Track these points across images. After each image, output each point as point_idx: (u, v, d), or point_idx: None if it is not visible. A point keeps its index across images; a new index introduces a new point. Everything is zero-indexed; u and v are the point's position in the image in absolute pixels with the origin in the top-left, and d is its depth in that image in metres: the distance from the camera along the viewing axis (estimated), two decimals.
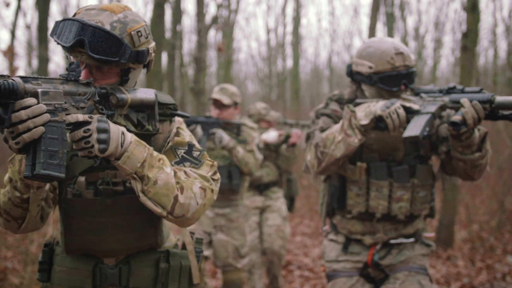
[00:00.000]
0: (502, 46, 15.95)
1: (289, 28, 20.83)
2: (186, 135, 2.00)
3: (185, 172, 1.84)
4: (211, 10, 29.35)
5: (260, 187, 5.29)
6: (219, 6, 14.90)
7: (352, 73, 2.89)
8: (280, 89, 20.04)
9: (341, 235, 2.95)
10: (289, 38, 20.97)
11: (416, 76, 2.81)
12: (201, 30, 10.58)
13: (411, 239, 2.89)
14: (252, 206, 5.18)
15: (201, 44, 11.39)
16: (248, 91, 24.60)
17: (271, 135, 5.20)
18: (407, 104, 2.61)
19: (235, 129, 4.35)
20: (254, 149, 4.34)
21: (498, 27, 15.42)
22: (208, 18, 13.54)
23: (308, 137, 2.84)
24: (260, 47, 30.97)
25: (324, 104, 2.94)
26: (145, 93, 1.88)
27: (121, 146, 1.67)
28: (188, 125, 3.89)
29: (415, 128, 2.55)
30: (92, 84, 1.74)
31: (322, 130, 2.80)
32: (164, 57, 12.09)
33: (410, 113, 2.61)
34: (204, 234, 4.38)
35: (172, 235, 2.17)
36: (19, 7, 14.70)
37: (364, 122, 2.58)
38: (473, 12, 6.49)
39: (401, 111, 2.55)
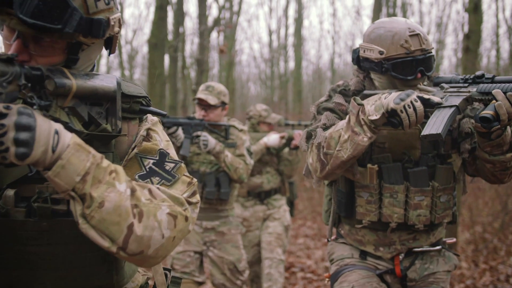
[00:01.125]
0: (505, 47, 16.01)
1: (291, 29, 20.93)
2: (160, 140, 1.51)
3: (150, 191, 1.32)
4: (213, 12, 29.42)
5: (261, 195, 4.94)
6: (221, 8, 14.93)
7: (359, 60, 2.50)
8: (282, 91, 20.06)
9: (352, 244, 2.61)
10: (291, 40, 21.02)
11: (434, 62, 2.40)
12: (203, 32, 10.59)
13: (438, 247, 2.54)
14: (254, 219, 4.91)
15: (203, 46, 11.40)
16: (250, 92, 24.62)
17: (272, 138, 4.84)
18: (426, 96, 2.20)
19: (222, 132, 4.01)
20: (244, 153, 3.98)
21: (501, 28, 15.48)
22: (210, 20, 13.57)
23: (309, 136, 2.45)
24: (262, 49, 31.02)
25: (327, 96, 2.55)
26: (102, 80, 1.39)
27: (53, 151, 1.16)
28: (168, 127, 3.63)
29: (436, 125, 2.15)
30: (16, 61, 1.20)
31: (325, 127, 2.41)
32: (166, 59, 12.11)
33: (430, 106, 2.20)
34: (195, 256, 4.00)
35: (139, 273, 1.68)
36: None
37: (374, 117, 2.17)
38: (475, 13, 6.49)
39: (418, 104, 2.14)
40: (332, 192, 2.60)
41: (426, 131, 2.16)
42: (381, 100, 2.19)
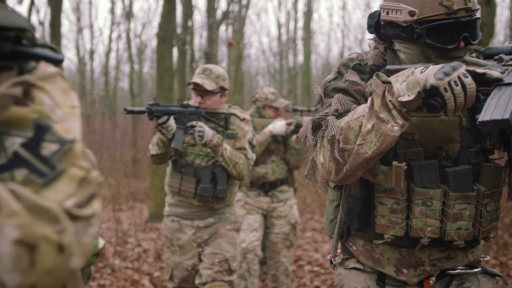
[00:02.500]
0: None
1: (300, 23, 20.82)
2: (52, 106, 0.87)
3: None
4: (222, 5, 29.41)
5: (266, 187, 4.59)
6: (230, 1, 14.89)
7: (378, 26, 1.92)
8: (291, 85, 20.02)
9: (366, 266, 2.04)
10: (300, 33, 20.96)
11: (480, 29, 1.83)
12: (212, 26, 10.59)
13: (477, 269, 2.01)
14: (256, 206, 4.60)
15: (212, 40, 11.40)
16: (259, 86, 24.52)
17: (278, 125, 4.45)
18: (479, 70, 1.61)
19: (222, 121, 3.54)
20: (245, 146, 3.52)
21: None
22: (219, 13, 13.56)
23: (317, 127, 1.87)
24: (271, 42, 30.96)
25: (335, 73, 1.97)
26: None
27: None
28: (157, 116, 3.18)
29: (499, 108, 1.54)
30: None
31: (338, 114, 1.83)
32: (175, 52, 12.12)
33: (485, 84, 1.61)
34: (192, 267, 3.62)
35: None
36: (32, 4, 14.79)
37: (407, 98, 1.62)
38: (488, 6, 6.44)
39: (469, 80, 1.57)
40: (341, 197, 2.01)
41: (486, 115, 1.55)
42: (416, 75, 1.64)
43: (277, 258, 4.60)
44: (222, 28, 13.17)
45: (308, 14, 19.28)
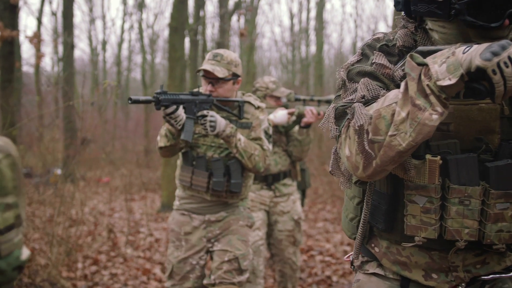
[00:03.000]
0: None
1: (313, 13, 20.74)
2: None
3: None
4: None
5: (268, 179, 4.35)
6: None
7: (408, 2, 1.67)
8: (304, 75, 19.98)
9: (389, 271, 1.83)
10: (312, 23, 20.88)
11: None
12: (224, 16, 10.57)
13: None
14: (258, 202, 4.36)
15: (224, 30, 11.40)
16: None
17: (279, 115, 4.21)
18: None
19: (235, 110, 3.31)
20: (261, 137, 3.29)
21: None
22: (231, 3, 13.53)
23: (341, 115, 1.64)
24: (283, 33, 30.85)
25: (359, 55, 1.75)
26: None
27: None
28: (165, 106, 2.95)
29: None
30: None
31: (366, 101, 1.61)
32: (187, 42, 12.13)
33: None
34: (198, 262, 3.35)
35: None
36: None
37: (447, 82, 1.39)
38: None
39: None
40: (366, 194, 1.79)
41: None
42: (457, 56, 1.40)
43: (282, 255, 4.45)
44: (234, 18, 13.15)
45: (320, 4, 19.19)
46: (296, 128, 4.36)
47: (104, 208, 9.01)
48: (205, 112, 3.09)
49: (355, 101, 1.62)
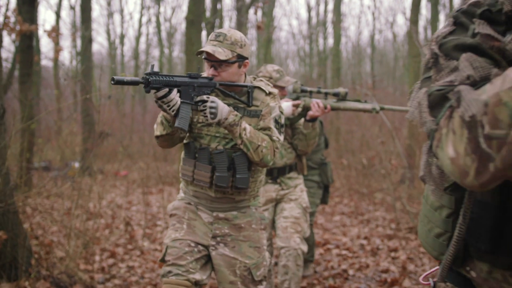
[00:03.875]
0: None
1: (331, 5, 20.64)
2: None
3: None
4: None
5: (273, 173, 4.14)
6: None
7: None
8: (321, 68, 19.87)
9: None
10: (330, 16, 20.75)
11: None
12: (241, 9, 10.54)
13: None
14: (264, 200, 4.11)
15: (241, 23, 11.37)
16: (289, 70, 24.47)
17: (284, 107, 3.94)
18: None
19: (243, 96, 2.94)
20: (270, 126, 2.90)
21: None
22: None
23: (440, 101, 1.24)
24: (301, 25, 30.72)
25: (451, 25, 1.34)
26: None
27: None
28: (156, 88, 2.62)
29: None
30: None
31: (472, 83, 1.19)
32: (204, 35, 12.12)
33: None
34: (198, 248, 2.93)
35: None
36: None
37: None
38: None
39: None
40: (463, 205, 1.38)
41: None
42: None
43: (287, 244, 3.99)
44: (252, 11, 13.11)
45: None
46: (302, 121, 4.11)
47: (122, 201, 9.06)
48: (204, 97, 2.74)
49: (456, 83, 1.21)
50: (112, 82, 2.45)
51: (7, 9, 11.02)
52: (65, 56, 39.40)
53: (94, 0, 25.66)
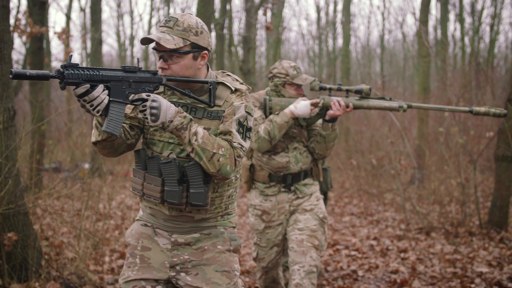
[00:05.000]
0: None
1: (340, 6, 20.57)
2: None
3: None
4: None
5: (287, 180, 3.73)
6: None
7: None
8: (331, 69, 19.84)
9: None
10: (339, 16, 20.71)
11: None
12: (250, 9, 10.55)
13: None
14: (277, 212, 3.77)
15: (250, 24, 11.37)
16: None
17: (301, 106, 3.62)
18: None
19: (205, 96, 2.46)
20: (231, 130, 2.40)
21: None
22: None
23: None
24: (310, 26, 30.69)
25: None
26: None
27: None
28: (75, 84, 2.12)
29: None
30: None
31: None
32: (213, 37, 12.13)
33: None
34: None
35: None
36: None
37: None
38: None
39: None
40: None
41: None
42: None
43: (303, 261, 3.57)
44: (261, 12, 13.11)
45: None
46: (320, 121, 3.79)
47: (131, 202, 9.09)
48: (144, 95, 2.26)
49: None
50: (10, 76, 2.02)
51: (17, 12, 11.11)
52: (75, 57, 39.62)
53: (104, 2, 25.77)
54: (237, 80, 2.54)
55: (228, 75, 2.57)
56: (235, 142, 2.39)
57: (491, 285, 4.65)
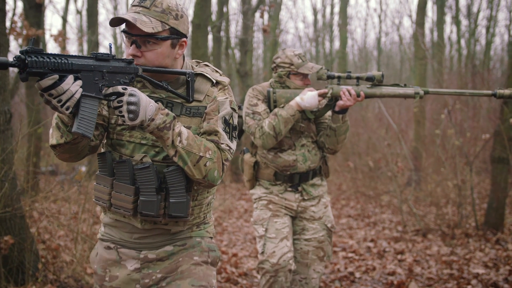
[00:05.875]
0: None
1: (337, 8, 20.64)
2: None
3: None
4: None
5: (294, 179, 3.47)
6: None
7: None
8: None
9: None
10: (336, 19, 20.75)
11: None
12: (247, 12, 10.56)
13: None
14: (282, 204, 3.51)
15: (247, 26, 11.39)
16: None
17: (308, 97, 3.32)
18: None
19: (182, 89, 2.13)
20: (217, 129, 2.09)
21: None
22: (254, 0, 13.51)
23: None
24: (307, 29, 30.73)
25: None
26: None
27: None
28: (40, 74, 1.72)
29: None
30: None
31: None
32: (210, 39, 12.15)
33: None
34: None
35: None
36: None
37: None
38: None
39: None
40: None
41: None
42: None
43: (305, 273, 3.50)
44: (257, 14, 13.13)
45: None
46: (329, 113, 3.53)
47: None
48: (119, 88, 1.87)
49: None
50: None
51: (13, 14, 11.10)
52: None
53: (100, 4, 25.81)
54: (216, 71, 2.25)
55: (206, 65, 2.26)
56: (222, 144, 2.09)
57: (487, 286, 4.66)
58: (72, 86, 1.76)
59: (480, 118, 10.62)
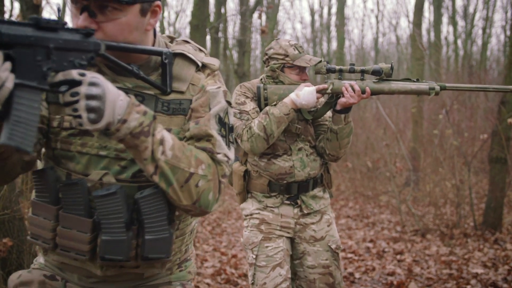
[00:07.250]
0: None
1: (334, 9, 20.64)
2: None
3: None
4: None
5: (291, 189, 2.88)
6: None
7: None
8: None
9: None
10: (334, 20, 20.78)
11: None
12: (245, 13, 10.56)
13: None
14: (276, 223, 2.89)
15: (245, 27, 11.39)
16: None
17: (305, 93, 2.75)
18: None
19: (155, 75, 1.51)
20: (212, 133, 1.49)
21: None
22: (252, 1, 13.52)
23: None
24: (304, 29, 30.77)
25: None
26: None
27: None
28: None
29: None
30: None
31: None
32: (208, 40, 12.15)
33: None
34: None
35: None
36: None
37: None
38: None
39: None
40: None
41: None
42: None
43: None
44: (255, 15, 13.15)
45: (341, 0, 19.09)
46: (329, 113, 2.95)
47: None
48: (74, 74, 1.24)
49: None
50: None
51: (10, 15, 11.08)
52: None
53: None
54: (201, 50, 1.59)
55: (186, 41, 1.62)
56: (219, 154, 1.48)
57: (486, 286, 4.67)
58: (2, 70, 1.12)
59: (477, 118, 10.65)
